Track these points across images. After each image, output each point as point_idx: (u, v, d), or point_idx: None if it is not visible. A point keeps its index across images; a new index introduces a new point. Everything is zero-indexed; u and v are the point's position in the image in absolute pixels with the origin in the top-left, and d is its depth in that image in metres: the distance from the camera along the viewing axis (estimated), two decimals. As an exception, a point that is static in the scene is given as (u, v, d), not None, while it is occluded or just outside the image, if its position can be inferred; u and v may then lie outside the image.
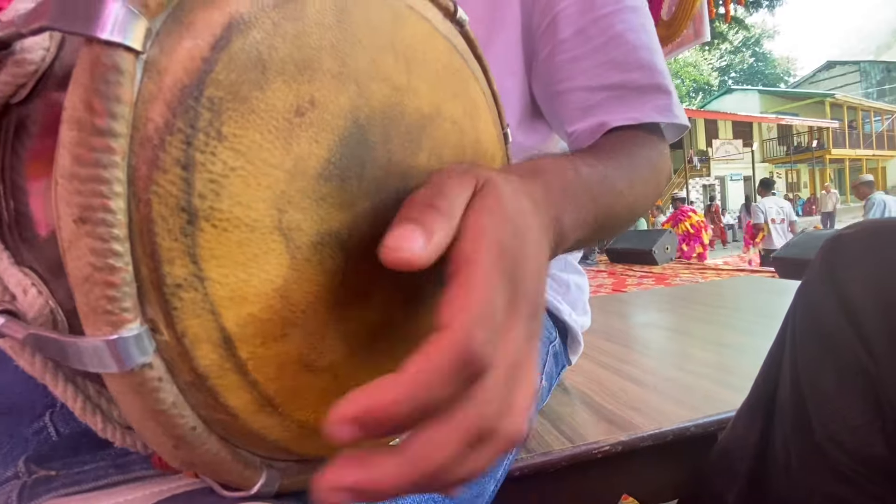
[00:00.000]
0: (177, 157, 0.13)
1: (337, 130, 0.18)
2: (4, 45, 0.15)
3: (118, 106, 0.12)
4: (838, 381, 0.32)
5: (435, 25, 0.23)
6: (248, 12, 0.14)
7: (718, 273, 4.17)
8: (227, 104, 0.14)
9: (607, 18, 0.43)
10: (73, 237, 0.12)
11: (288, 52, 0.15)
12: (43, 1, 0.13)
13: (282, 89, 0.15)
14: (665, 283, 3.90)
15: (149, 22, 0.12)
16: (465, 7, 0.49)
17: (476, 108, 0.27)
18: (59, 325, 0.17)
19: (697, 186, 16.98)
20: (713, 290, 1.25)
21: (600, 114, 0.44)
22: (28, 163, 0.17)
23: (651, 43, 0.44)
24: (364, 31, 0.18)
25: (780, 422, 0.38)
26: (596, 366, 0.72)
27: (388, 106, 0.20)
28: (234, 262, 0.15)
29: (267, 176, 0.15)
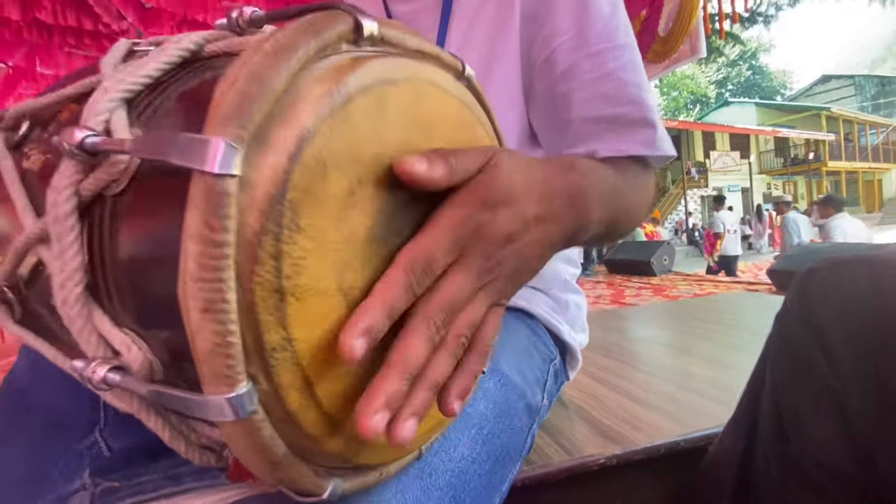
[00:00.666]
0: (270, 251, 0.17)
1: (377, 200, 0.21)
2: (103, 153, 0.19)
3: (228, 221, 0.15)
4: (810, 401, 0.35)
5: (447, 89, 0.27)
6: (311, 125, 0.18)
7: (716, 285, 4.21)
8: (301, 202, 0.18)
9: (600, 56, 0.47)
10: (199, 323, 0.16)
11: (341, 148, 0.19)
12: (159, 138, 0.16)
13: (338, 178, 0.19)
14: (663, 294, 3.93)
15: (243, 150, 0.16)
16: (469, 40, 0.54)
17: (480, 142, 0.31)
18: (155, 374, 0.21)
19: (696, 197, 17.09)
20: (709, 307, 1.28)
21: (593, 143, 0.48)
22: (122, 243, 0.20)
23: (639, 79, 0.48)
24: (396, 115, 0.22)
25: (761, 437, 0.42)
26: (593, 381, 0.75)
27: None
28: (310, 323, 0.19)
29: (331, 251, 0.19)
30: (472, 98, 0.29)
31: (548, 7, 0.48)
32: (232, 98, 0.16)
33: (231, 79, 0.16)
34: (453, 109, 0.26)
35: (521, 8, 0.50)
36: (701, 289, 4.02)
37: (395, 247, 0.22)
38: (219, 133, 0.15)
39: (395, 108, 0.22)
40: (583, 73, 0.47)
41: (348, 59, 0.20)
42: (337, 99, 0.19)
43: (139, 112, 0.21)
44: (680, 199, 15.69)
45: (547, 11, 0.48)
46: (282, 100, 0.17)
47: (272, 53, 0.17)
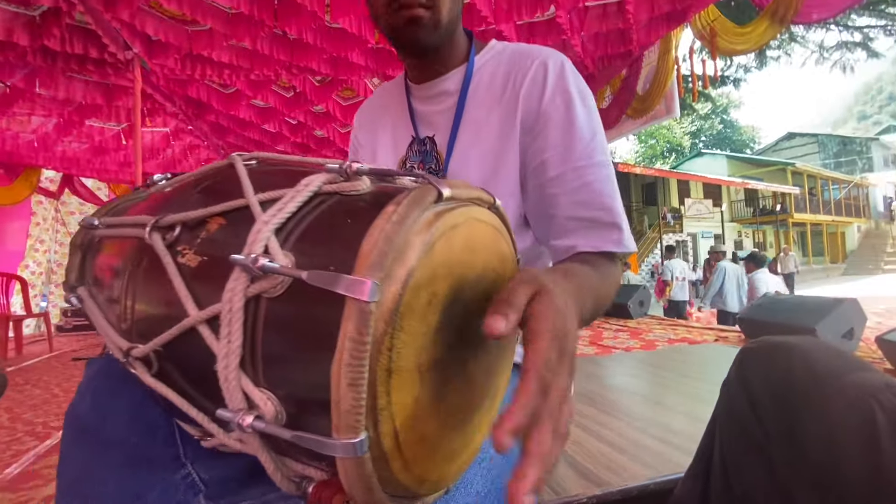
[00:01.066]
0: (387, 345, 0.26)
1: (444, 304, 0.31)
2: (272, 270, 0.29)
3: (369, 329, 0.25)
4: (746, 455, 0.45)
5: (486, 221, 0.37)
6: (414, 263, 0.28)
7: (689, 330, 4.37)
8: (405, 312, 0.27)
9: (581, 169, 0.60)
10: (345, 392, 0.25)
11: (428, 274, 0.29)
12: (329, 276, 0.26)
13: (425, 293, 0.29)
14: (639, 337, 4.07)
15: (380, 285, 0.26)
16: (481, 145, 0.65)
17: (504, 256, 0.41)
18: (279, 419, 0.29)
19: (671, 241, 17.71)
20: (680, 358, 1.39)
21: (573, 238, 0.60)
22: (271, 331, 0.29)
23: (611, 190, 0.60)
24: (458, 246, 0.32)
25: (713, 483, 0.51)
26: (577, 427, 0.84)
27: (466, 279, 0.34)
28: (400, 390, 0.28)
29: (416, 340, 0.29)
30: (500, 221, 0.40)
31: (542, 125, 0.61)
32: (376, 253, 0.26)
33: (373, 239, 0.26)
34: (490, 233, 0.37)
35: (521, 122, 0.62)
36: (675, 334, 4.17)
37: (451, 335, 0.32)
38: (367, 276, 0.25)
39: (457, 242, 0.32)
40: (567, 182, 0.59)
41: (433, 215, 0.30)
42: (427, 244, 0.29)
43: (285, 236, 0.31)
44: (656, 243, 16.23)
45: (541, 129, 0.61)
46: (400, 249, 0.27)
47: (397, 223, 0.27)
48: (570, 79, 0.61)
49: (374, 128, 0.79)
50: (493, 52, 0.70)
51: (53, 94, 3.76)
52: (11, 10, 2.89)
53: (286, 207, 0.31)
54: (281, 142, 5.12)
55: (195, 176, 0.44)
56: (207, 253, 0.33)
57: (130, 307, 0.36)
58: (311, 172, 0.36)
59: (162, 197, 0.43)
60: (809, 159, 27.37)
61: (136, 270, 0.36)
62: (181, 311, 0.32)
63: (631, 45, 3.43)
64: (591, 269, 0.52)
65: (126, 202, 0.48)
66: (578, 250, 0.59)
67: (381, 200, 0.31)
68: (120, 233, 0.40)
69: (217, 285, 0.30)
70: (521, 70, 0.63)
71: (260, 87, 3.92)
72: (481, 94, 0.66)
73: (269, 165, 0.41)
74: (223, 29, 2.92)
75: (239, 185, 0.36)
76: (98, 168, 5.45)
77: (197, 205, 0.36)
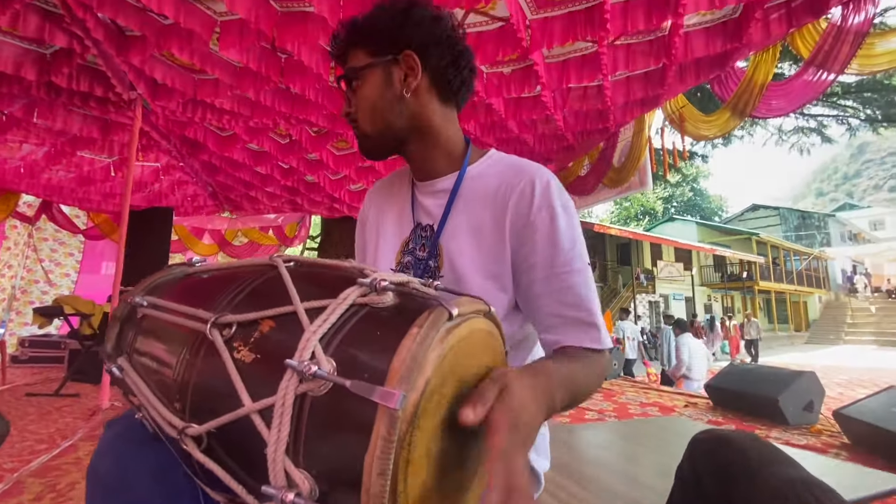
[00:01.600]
0: (407, 440, 0.34)
1: (449, 402, 0.39)
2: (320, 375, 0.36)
3: (396, 430, 0.32)
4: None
5: (482, 328, 0.46)
6: (430, 373, 0.36)
7: (660, 395, 4.45)
8: (421, 413, 0.35)
9: (564, 274, 0.70)
10: (375, 479, 0.32)
11: (439, 381, 0.37)
12: (367, 387, 0.34)
13: (436, 396, 0.37)
14: (612, 399, 4.12)
15: (406, 394, 0.33)
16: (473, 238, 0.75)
17: (495, 353, 0.50)
18: (313, 495, 0.36)
19: (644, 302, 18.14)
20: (652, 431, 1.47)
21: (557, 334, 0.69)
22: (314, 424, 0.36)
23: (590, 294, 0.70)
24: (462, 354, 0.40)
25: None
26: (553, 499, 0.89)
27: (464, 378, 0.42)
28: (414, 475, 0.35)
29: (427, 434, 0.36)
30: (493, 325, 0.49)
31: (529, 233, 0.71)
32: (404, 369, 0.34)
33: (401, 357, 0.34)
34: (485, 337, 0.46)
35: (511, 226, 0.72)
36: (647, 398, 4.24)
37: (451, 427, 0.40)
38: (397, 388, 0.33)
39: (461, 351, 0.40)
40: (552, 284, 0.69)
41: (445, 332, 0.38)
42: (441, 357, 0.37)
43: (327, 342, 0.39)
44: (630, 302, 16.60)
45: (528, 236, 0.71)
46: (421, 364, 0.35)
47: (419, 343, 0.35)
48: (554, 194, 0.72)
49: (382, 209, 0.89)
50: (490, 160, 0.81)
51: (50, 124, 3.80)
52: (24, 46, 2.99)
53: (329, 318, 0.39)
54: (271, 184, 5.21)
55: (235, 269, 0.51)
56: (261, 351, 0.40)
57: (185, 390, 0.42)
58: (345, 277, 0.45)
59: (204, 287, 0.50)
60: (772, 230, 29.00)
61: (194, 359, 0.42)
62: (236, 400, 0.38)
63: (608, 123, 3.74)
64: (570, 361, 0.61)
65: (162, 280, 0.55)
66: (563, 345, 0.68)
67: (404, 315, 0.39)
68: (172, 319, 0.47)
69: (268, 380, 0.38)
70: (512, 182, 0.74)
71: (257, 133, 4.06)
72: (476, 194, 0.77)
73: (306, 267, 0.50)
74: (230, 80, 3.07)
75: (284, 289, 0.44)
76: (81, 197, 5.40)
77: (247, 306, 0.44)
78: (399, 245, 0.84)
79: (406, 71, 0.73)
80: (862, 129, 9.83)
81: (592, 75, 2.90)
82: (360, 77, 0.74)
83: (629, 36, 2.73)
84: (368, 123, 0.75)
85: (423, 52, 0.72)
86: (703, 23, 2.68)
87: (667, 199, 36.73)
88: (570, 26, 2.42)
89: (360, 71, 0.74)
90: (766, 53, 3.12)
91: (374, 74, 0.73)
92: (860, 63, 2.75)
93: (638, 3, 2.37)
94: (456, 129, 0.81)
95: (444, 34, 0.73)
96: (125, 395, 0.53)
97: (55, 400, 3.55)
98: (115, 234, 6.45)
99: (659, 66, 2.89)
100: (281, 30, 2.43)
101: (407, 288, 0.44)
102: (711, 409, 3.81)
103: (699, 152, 11.25)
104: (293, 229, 7.72)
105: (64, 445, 2.34)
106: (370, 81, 0.73)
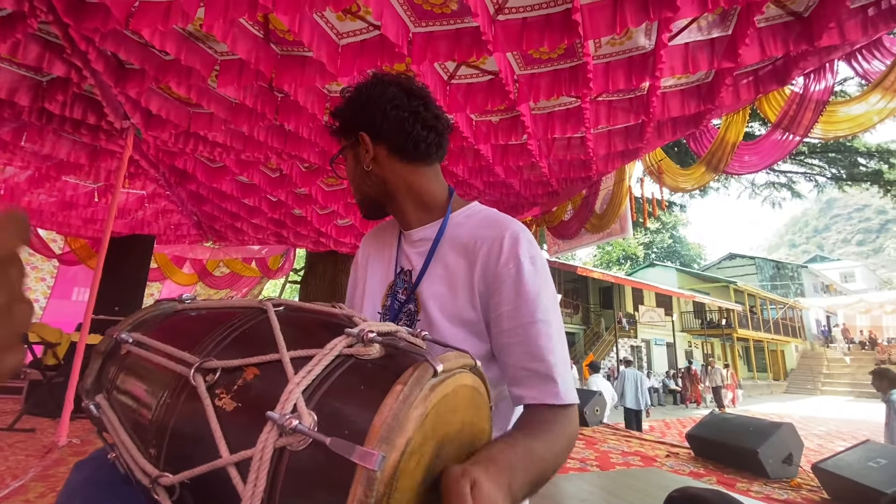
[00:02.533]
0: (386, 501, 0.34)
1: (428, 462, 0.39)
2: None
3: (373, 491, 0.33)
4: None
5: (467, 384, 0.47)
6: (411, 433, 0.36)
7: (642, 443, 4.40)
8: (401, 473, 0.35)
9: (527, 326, 0.71)
10: None
11: (420, 441, 0.38)
12: (347, 445, 0.34)
13: (416, 457, 0.37)
14: (594, 448, 4.06)
15: (385, 454, 0.34)
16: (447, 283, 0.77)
17: (479, 409, 0.51)
18: None
19: (627, 346, 18.15)
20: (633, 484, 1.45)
21: (521, 388, 0.69)
22: (291, 480, 0.36)
23: (551, 345, 0.70)
24: (444, 411, 0.41)
25: None
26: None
27: (447, 435, 0.42)
28: None
29: (404, 495, 0.36)
30: (479, 380, 0.50)
31: (497, 284, 0.73)
32: (384, 429, 0.35)
33: (383, 416, 0.35)
34: (469, 393, 0.47)
35: (482, 276, 0.75)
36: (629, 447, 4.18)
37: (428, 487, 0.40)
38: (376, 448, 0.34)
39: (445, 407, 0.41)
40: (516, 335, 0.71)
41: (429, 389, 0.39)
42: (423, 416, 0.38)
43: (310, 394, 0.39)
44: (612, 346, 16.60)
45: (496, 287, 0.73)
46: (402, 423, 0.36)
47: (402, 401, 0.36)
48: (522, 247, 0.75)
49: (372, 255, 0.95)
50: (469, 211, 0.86)
51: (38, 149, 3.78)
52: (20, 73, 3.02)
53: (314, 370, 0.40)
54: (257, 216, 5.21)
55: (224, 310, 0.52)
56: (243, 400, 0.40)
57: (162, 436, 0.42)
58: (334, 325, 0.46)
59: (192, 327, 0.51)
60: (749, 279, 29.70)
61: (175, 403, 0.42)
62: (213, 450, 0.38)
63: (591, 172, 3.89)
64: (532, 437, 0.59)
65: (150, 316, 0.55)
66: (526, 402, 0.69)
67: (389, 370, 0.40)
68: (156, 359, 0.47)
69: (247, 431, 0.38)
70: (485, 235, 0.78)
71: (247, 166, 4.10)
72: (453, 244, 0.81)
73: (295, 312, 0.51)
74: (225, 115, 3.13)
75: (272, 335, 0.44)
76: (61, 221, 5.31)
77: (234, 351, 0.44)
78: (385, 289, 0.88)
79: (365, 148, 0.83)
80: (828, 186, 10.36)
81: (576, 128, 3.04)
82: (342, 159, 0.90)
83: (610, 94, 2.90)
84: (354, 194, 0.90)
85: (372, 129, 0.82)
86: (679, 85, 2.86)
87: (647, 245, 37.62)
88: (555, 83, 2.57)
89: (340, 154, 0.90)
90: (737, 115, 3.33)
91: (347, 156, 0.88)
92: (824, 128, 2.96)
93: (618, 65, 2.53)
94: (433, 182, 0.87)
95: (390, 107, 0.81)
96: (99, 433, 0.52)
97: (8, 435, 3.34)
98: (91, 259, 6.29)
99: (638, 122, 3.05)
100: (280, 71, 2.52)
101: (394, 339, 0.45)
102: (693, 460, 3.77)
103: (677, 202, 11.67)
104: (276, 261, 7.64)
105: (14, 486, 2.18)
106: (347, 162, 0.89)
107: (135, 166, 4.09)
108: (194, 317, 0.53)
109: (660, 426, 9.00)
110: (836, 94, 2.77)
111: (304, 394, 0.39)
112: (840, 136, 3.07)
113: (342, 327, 0.45)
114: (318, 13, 2.22)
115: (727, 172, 3.64)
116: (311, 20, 2.22)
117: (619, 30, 1.98)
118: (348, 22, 2.27)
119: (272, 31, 2.38)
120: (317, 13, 2.21)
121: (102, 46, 2.45)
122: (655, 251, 38.19)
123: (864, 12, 2.20)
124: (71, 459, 2.84)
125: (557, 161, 3.82)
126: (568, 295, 18.25)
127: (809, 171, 10.22)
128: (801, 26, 2.28)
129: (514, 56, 2.51)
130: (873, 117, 2.74)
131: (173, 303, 0.57)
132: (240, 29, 2.33)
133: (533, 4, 2.09)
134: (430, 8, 2.13)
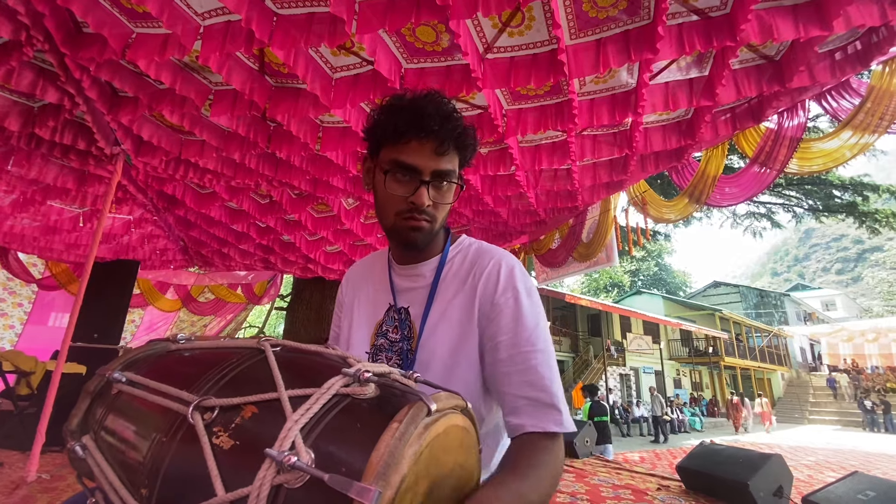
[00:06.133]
0: None
1: (421, 497, 0.40)
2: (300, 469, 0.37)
3: None
4: None
5: (458, 424, 0.47)
6: (406, 470, 0.37)
7: (633, 476, 4.33)
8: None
9: (526, 354, 0.72)
10: None
11: (414, 479, 0.38)
12: (345, 482, 0.35)
13: (409, 494, 0.37)
14: (584, 481, 3.98)
15: (381, 490, 0.35)
16: (448, 321, 0.78)
17: (469, 450, 0.51)
18: None
19: (615, 375, 18.07)
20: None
21: (521, 417, 0.69)
22: None
23: (552, 374, 0.71)
24: (437, 450, 0.42)
25: None
26: None
27: (439, 476, 0.43)
28: None
29: None
30: (469, 421, 0.50)
31: (496, 313, 0.75)
32: (381, 465, 0.35)
33: (380, 453, 0.36)
34: (460, 433, 0.47)
35: (479, 308, 0.76)
36: (619, 479, 4.12)
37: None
38: (373, 484, 0.34)
39: (438, 446, 0.42)
40: (515, 364, 0.71)
41: (423, 427, 0.40)
42: (417, 454, 0.39)
43: (308, 432, 0.40)
44: (601, 374, 16.51)
45: (495, 316, 0.75)
46: (397, 460, 0.37)
47: (398, 438, 0.37)
48: (518, 278, 0.77)
49: (357, 289, 0.93)
50: (462, 245, 0.87)
51: (25, 173, 3.75)
52: (12, 98, 3.03)
53: (312, 409, 0.41)
54: (245, 242, 5.18)
55: (220, 350, 0.52)
56: (241, 438, 0.41)
57: (155, 476, 0.41)
58: (330, 365, 0.47)
59: (187, 367, 0.51)
60: (733, 307, 30.08)
61: (170, 442, 0.42)
62: (209, 490, 0.38)
63: (577, 202, 3.97)
64: (521, 478, 0.58)
65: (142, 356, 0.55)
66: (526, 430, 0.68)
67: (384, 409, 0.41)
68: (151, 398, 0.47)
69: (244, 469, 0.38)
70: (480, 266, 0.79)
71: (237, 192, 4.10)
72: (449, 279, 0.82)
73: (292, 352, 0.51)
74: (217, 143, 3.15)
75: (270, 375, 0.45)
76: (43, 246, 5.21)
77: (232, 390, 0.44)
78: (373, 327, 0.86)
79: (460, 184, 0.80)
80: (806, 216, 10.71)
81: (562, 160, 3.13)
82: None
83: (595, 128, 3.01)
84: (441, 221, 0.82)
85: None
86: (660, 121, 2.98)
87: (634, 273, 38.06)
88: (541, 118, 2.66)
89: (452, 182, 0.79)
90: (717, 149, 3.47)
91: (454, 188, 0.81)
92: (799, 163, 3.09)
93: (602, 101, 2.64)
94: None
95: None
96: (79, 478, 0.51)
97: (-27, 470, 3.17)
98: (72, 284, 6.14)
99: (622, 155, 3.16)
100: (273, 102, 2.57)
101: (388, 380, 0.46)
102: (684, 493, 3.72)
103: (662, 231, 11.93)
104: (262, 287, 7.55)
105: (-24, 527, 2.06)
106: (448, 192, 0.80)
107: (122, 191, 4.07)
108: (189, 357, 0.53)
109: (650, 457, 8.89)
110: (809, 129, 2.92)
111: (302, 432, 0.39)
112: (815, 172, 3.20)
113: (338, 367, 0.46)
114: (313, 48, 2.29)
115: (709, 204, 3.76)
116: (306, 55, 2.29)
117: (602, 69, 2.07)
118: (342, 57, 2.34)
119: (267, 63, 2.44)
120: (312, 48, 2.28)
121: (97, 75, 2.48)
122: (642, 279, 38.62)
123: (832, 56, 2.35)
124: (40, 497, 2.69)
125: (544, 191, 3.90)
126: (557, 322, 18.24)
127: (787, 202, 10.57)
128: (773, 69, 2.41)
129: (502, 92, 2.60)
130: (846, 152, 2.87)
131: (166, 343, 0.56)
132: (235, 61, 2.38)
133: (520, 44, 2.18)
134: (421, 46, 2.22)
